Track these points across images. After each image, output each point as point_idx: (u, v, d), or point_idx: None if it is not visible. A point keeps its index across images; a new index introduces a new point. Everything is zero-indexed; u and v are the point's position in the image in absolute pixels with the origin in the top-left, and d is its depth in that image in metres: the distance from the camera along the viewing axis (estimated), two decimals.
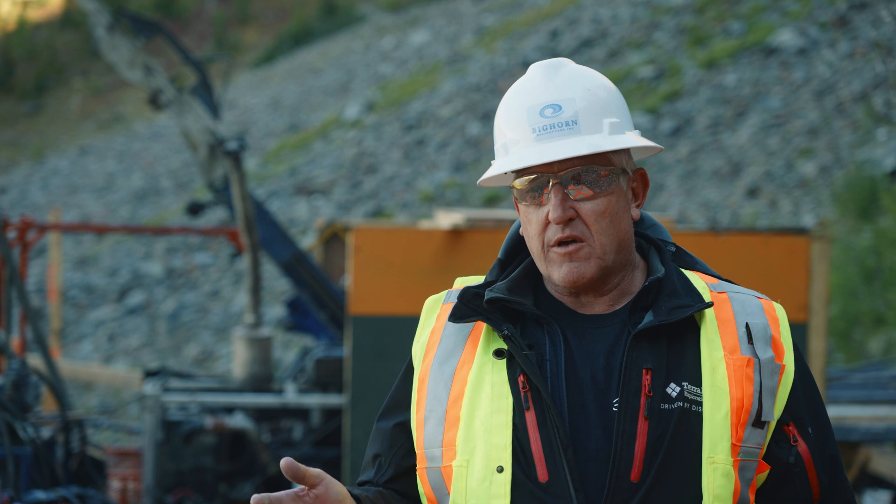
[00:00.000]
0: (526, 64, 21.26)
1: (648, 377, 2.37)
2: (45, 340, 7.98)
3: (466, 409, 2.42)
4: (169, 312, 20.18)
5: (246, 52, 37.75)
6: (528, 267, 2.52)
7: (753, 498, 2.40)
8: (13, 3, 42.51)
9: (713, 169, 19.00)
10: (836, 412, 8.24)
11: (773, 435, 2.41)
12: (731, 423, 2.36)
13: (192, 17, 41.36)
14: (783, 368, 2.42)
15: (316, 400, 9.07)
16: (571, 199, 2.42)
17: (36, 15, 42.85)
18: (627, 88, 21.22)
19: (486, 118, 22.55)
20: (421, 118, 24.06)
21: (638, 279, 2.49)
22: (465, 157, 21.98)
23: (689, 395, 2.37)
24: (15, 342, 8.96)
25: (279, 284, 18.48)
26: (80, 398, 16.38)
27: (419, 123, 23.87)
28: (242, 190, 9.50)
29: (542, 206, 2.43)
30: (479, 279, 2.54)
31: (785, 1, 22.47)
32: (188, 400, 9.02)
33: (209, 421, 8.91)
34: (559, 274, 2.43)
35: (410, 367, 2.54)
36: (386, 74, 28.24)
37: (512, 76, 22.49)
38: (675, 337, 2.41)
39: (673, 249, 2.56)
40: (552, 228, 2.43)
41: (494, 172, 2.48)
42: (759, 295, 2.49)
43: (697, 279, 2.50)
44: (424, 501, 2.48)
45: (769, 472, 2.42)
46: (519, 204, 2.48)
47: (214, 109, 10.44)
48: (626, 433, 2.35)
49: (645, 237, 2.55)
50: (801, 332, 7.30)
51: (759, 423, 2.38)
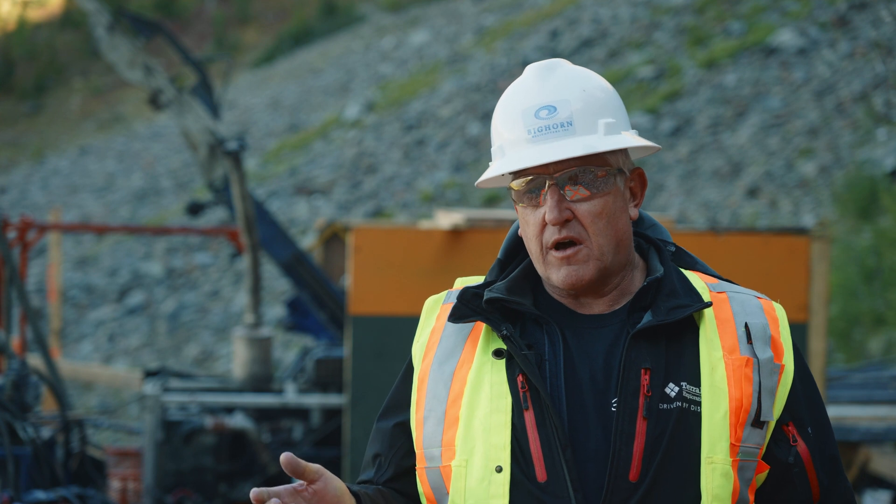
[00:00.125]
0: (526, 64, 21.17)
1: (647, 377, 2.37)
2: (45, 340, 7.98)
3: (466, 408, 2.42)
4: (169, 312, 20.17)
5: (246, 52, 37.72)
6: (527, 267, 2.52)
7: (753, 498, 2.40)
8: (13, 3, 42.49)
9: (713, 169, 18.99)
10: (836, 412, 8.24)
11: (772, 435, 2.40)
12: (729, 423, 2.36)
13: (192, 17, 41.34)
14: (782, 368, 2.42)
15: (316, 400, 9.06)
16: (568, 200, 2.42)
17: (36, 15, 42.83)
18: (627, 88, 21.21)
19: (486, 118, 22.52)
20: (421, 118, 24.05)
21: (637, 279, 2.49)
22: (465, 157, 21.97)
23: (687, 394, 2.37)
24: (15, 342, 8.95)
25: (279, 284, 18.47)
26: (80, 398, 16.37)
27: (419, 123, 23.85)
28: (242, 190, 9.50)
29: (539, 207, 2.43)
30: (478, 279, 2.54)
31: (785, 1, 22.46)
32: (188, 400, 9.02)
33: (209, 421, 8.91)
34: (558, 277, 2.43)
35: (410, 366, 2.54)
36: (386, 74, 28.23)
37: (512, 76, 22.44)
38: (673, 337, 2.41)
39: (673, 249, 2.56)
40: (549, 230, 2.42)
41: (491, 174, 2.48)
42: (758, 295, 2.49)
43: (697, 279, 2.50)
44: (424, 501, 2.48)
45: (769, 472, 2.41)
46: (517, 205, 2.48)
47: (214, 109, 10.43)
48: (624, 433, 2.35)
49: (644, 237, 2.55)
50: (801, 332, 7.30)
51: (758, 423, 2.38)
